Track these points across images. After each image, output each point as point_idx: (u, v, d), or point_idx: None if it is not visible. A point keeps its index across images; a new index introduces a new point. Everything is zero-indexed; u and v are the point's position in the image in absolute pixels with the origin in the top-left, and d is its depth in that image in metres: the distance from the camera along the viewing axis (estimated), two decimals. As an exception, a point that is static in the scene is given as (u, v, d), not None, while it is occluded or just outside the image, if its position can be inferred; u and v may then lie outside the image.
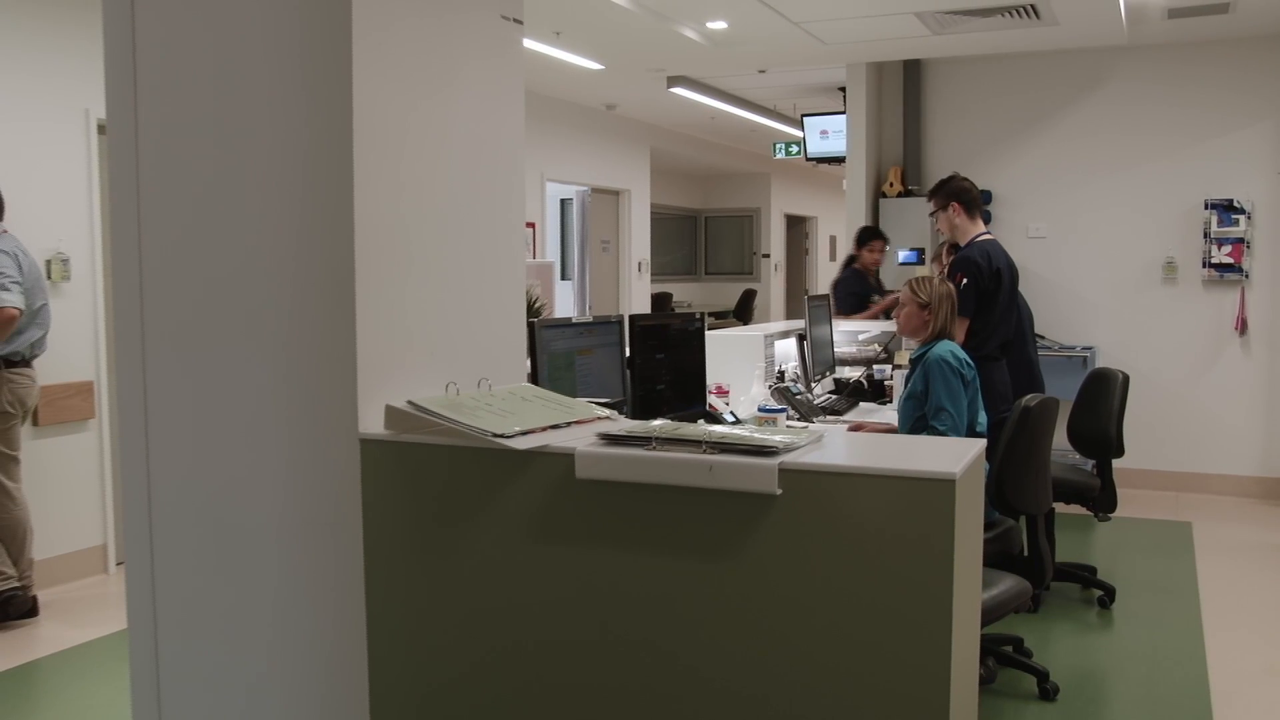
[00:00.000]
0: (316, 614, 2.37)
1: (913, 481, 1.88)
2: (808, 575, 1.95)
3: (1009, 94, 8.10)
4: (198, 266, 2.47)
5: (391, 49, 2.35)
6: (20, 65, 5.57)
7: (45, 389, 5.46)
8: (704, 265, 16.05)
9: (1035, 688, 4.16)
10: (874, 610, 1.91)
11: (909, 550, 1.88)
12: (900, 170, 8.33)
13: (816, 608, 1.94)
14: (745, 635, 2.00)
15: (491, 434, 2.10)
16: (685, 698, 2.05)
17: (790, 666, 1.97)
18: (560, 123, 9.98)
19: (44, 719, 4.31)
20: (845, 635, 1.93)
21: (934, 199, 5.26)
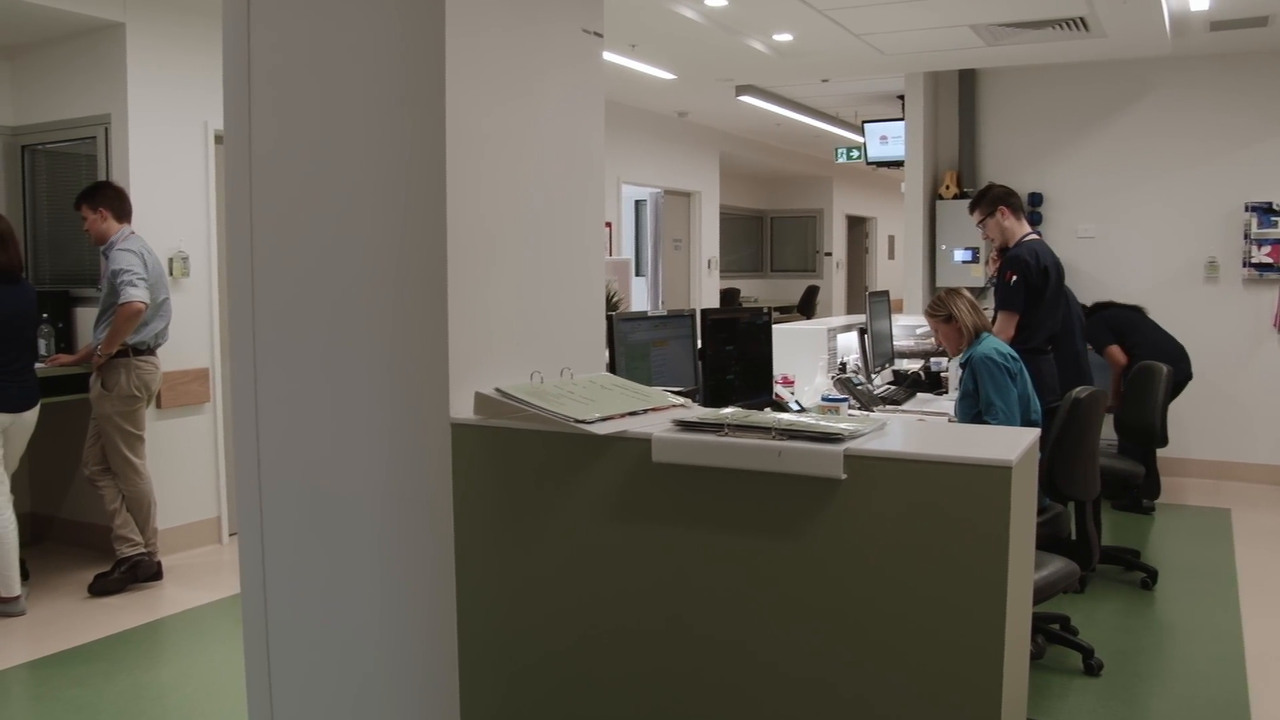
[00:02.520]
0: (410, 586, 2.38)
1: (971, 468, 1.84)
2: (869, 557, 1.91)
3: (1059, 101, 7.93)
4: (303, 264, 2.49)
5: (481, 60, 2.35)
6: (149, 83, 5.67)
7: (167, 375, 5.56)
8: (769, 263, 15.95)
9: (1081, 664, 4.09)
10: (932, 590, 1.87)
11: (966, 533, 1.84)
12: (956, 174, 8.21)
13: (877, 588, 1.91)
14: (807, 612, 1.97)
15: (573, 420, 2.09)
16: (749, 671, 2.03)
17: (850, 642, 1.94)
18: (635, 129, 9.96)
19: (169, 671, 4.39)
20: (904, 614, 1.89)
21: (979, 208, 5.19)
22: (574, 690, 2.22)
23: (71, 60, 5.86)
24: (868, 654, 1.92)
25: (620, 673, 2.16)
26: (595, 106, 2.76)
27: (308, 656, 2.57)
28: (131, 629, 4.77)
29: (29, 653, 4.48)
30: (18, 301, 4.92)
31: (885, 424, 2.12)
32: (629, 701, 2.15)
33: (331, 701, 2.54)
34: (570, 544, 2.18)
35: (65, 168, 6.02)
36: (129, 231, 5.26)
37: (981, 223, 5.20)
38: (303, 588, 2.56)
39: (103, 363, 5.16)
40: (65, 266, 6.08)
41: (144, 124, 5.67)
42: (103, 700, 3.99)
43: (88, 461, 5.33)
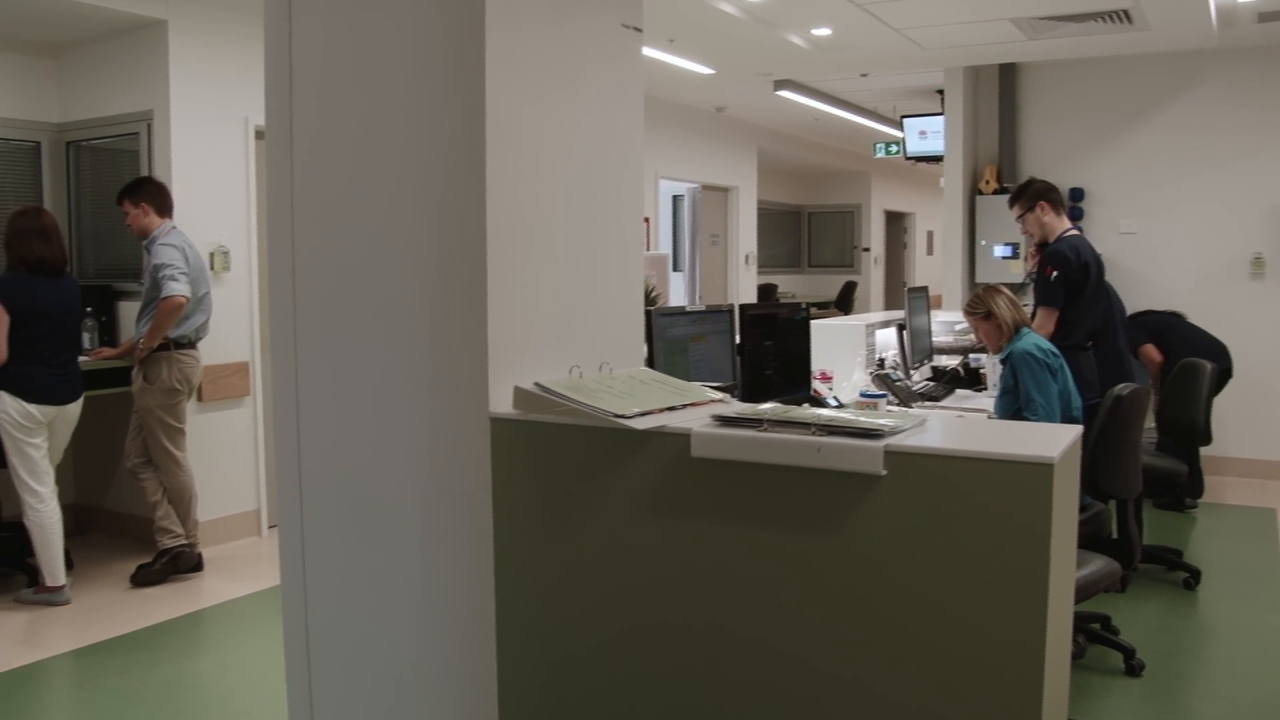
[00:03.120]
0: (449, 579, 2.39)
1: (1013, 465, 1.82)
2: (909, 553, 1.90)
3: (1101, 95, 7.85)
4: (344, 258, 2.51)
5: (521, 55, 2.35)
6: (191, 79, 5.74)
7: (207, 368, 5.62)
8: (807, 258, 15.89)
9: (1122, 664, 4.05)
10: (972, 588, 1.86)
11: (1007, 531, 1.83)
12: (996, 168, 8.14)
13: (917, 584, 1.90)
14: (846, 609, 1.96)
15: (613, 414, 2.09)
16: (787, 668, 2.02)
17: (889, 640, 1.93)
18: (673, 124, 9.95)
19: (209, 661, 4.44)
20: (944, 611, 1.88)
21: (1019, 203, 5.15)
22: (611, 684, 2.22)
23: (115, 57, 5.93)
24: (907, 652, 1.91)
25: (658, 667, 2.16)
26: (635, 101, 2.76)
27: (346, 649, 2.59)
28: (172, 619, 4.83)
29: (73, 641, 4.55)
30: (62, 295, 4.99)
31: (925, 420, 2.11)
32: (666, 696, 2.16)
33: (370, 693, 2.55)
34: (608, 539, 2.18)
35: (108, 163, 6.10)
36: (170, 226, 5.32)
37: (1021, 218, 5.17)
38: (342, 581, 2.58)
39: (145, 356, 5.22)
40: (108, 261, 6.15)
41: (186, 120, 5.73)
42: (145, 689, 4.04)
43: (130, 454, 5.39)
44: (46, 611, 4.92)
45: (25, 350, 4.83)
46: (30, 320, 4.83)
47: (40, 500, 4.92)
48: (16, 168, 6.13)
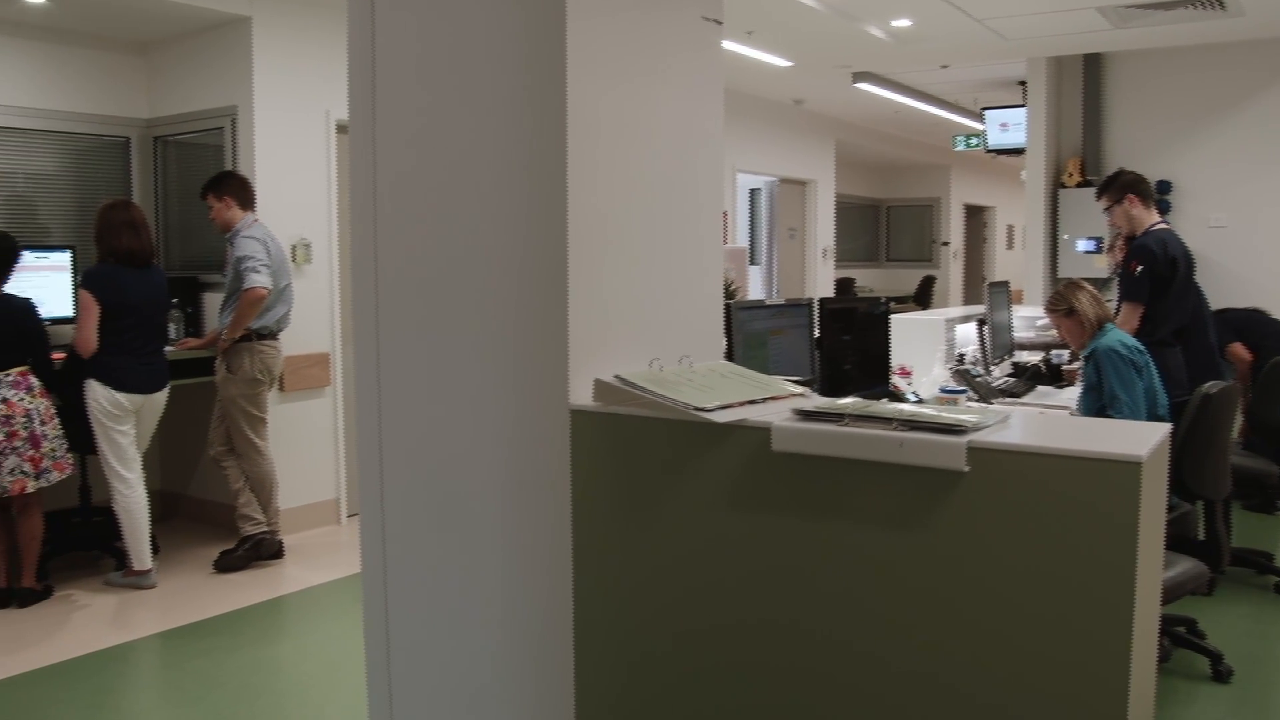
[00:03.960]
0: (528, 570, 2.41)
1: (1100, 463, 1.80)
2: (992, 551, 1.88)
3: (1190, 85, 7.66)
4: (426, 251, 2.54)
5: (602, 48, 2.37)
6: (274, 74, 5.84)
7: (289, 359, 5.73)
8: (885, 252, 15.74)
9: (1209, 669, 3.96)
10: (1056, 588, 1.83)
11: (1093, 530, 1.80)
12: (1080, 161, 8.00)
13: (1000, 583, 1.88)
14: (927, 606, 1.95)
15: (693, 407, 2.10)
16: (865, 664, 2.02)
17: (970, 638, 1.91)
18: (750, 117, 9.91)
19: (288, 647, 4.53)
20: (1027, 611, 1.86)
21: (1106, 195, 5.06)
22: (689, 678, 2.23)
23: (201, 54, 6.06)
24: (988, 651, 1.90)
25: (735, 662, 2.17)
26: (714, 94, 2.75)
27: (425, 638, 2.63)
28: (254, 605, 4.93)
29: (158, 624, 4.67)
30: (150, 287, 5.12)
31: (1008, 416, 2.09)
32: (743, 690, 2.16)
33: (449, 682, 2.59)
34: (688, 532, 2.19)
35: (194, 158, 6.23)
36: (253, 219, 5.43)
37: (1108, 210, 5.07)
38: (422, 571, 2.62)
39: (228, 347, 5.33)
40: (193, 253, 6.29)
41: (268, 114, 5.84)
42: (226, 672, 4.13)
43: (213, 442, 5.52)
44: (133, 594, 5.06)
45: (114, 340, 4.96)
46: (119, 311, 4.96)
47: (128, 486, 5.05)
48: (107, 162, 6.30)
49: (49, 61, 5.97)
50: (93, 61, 6.16)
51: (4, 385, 4.71)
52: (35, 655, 4.30)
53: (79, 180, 6.17)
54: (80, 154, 6.18)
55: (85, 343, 4.92)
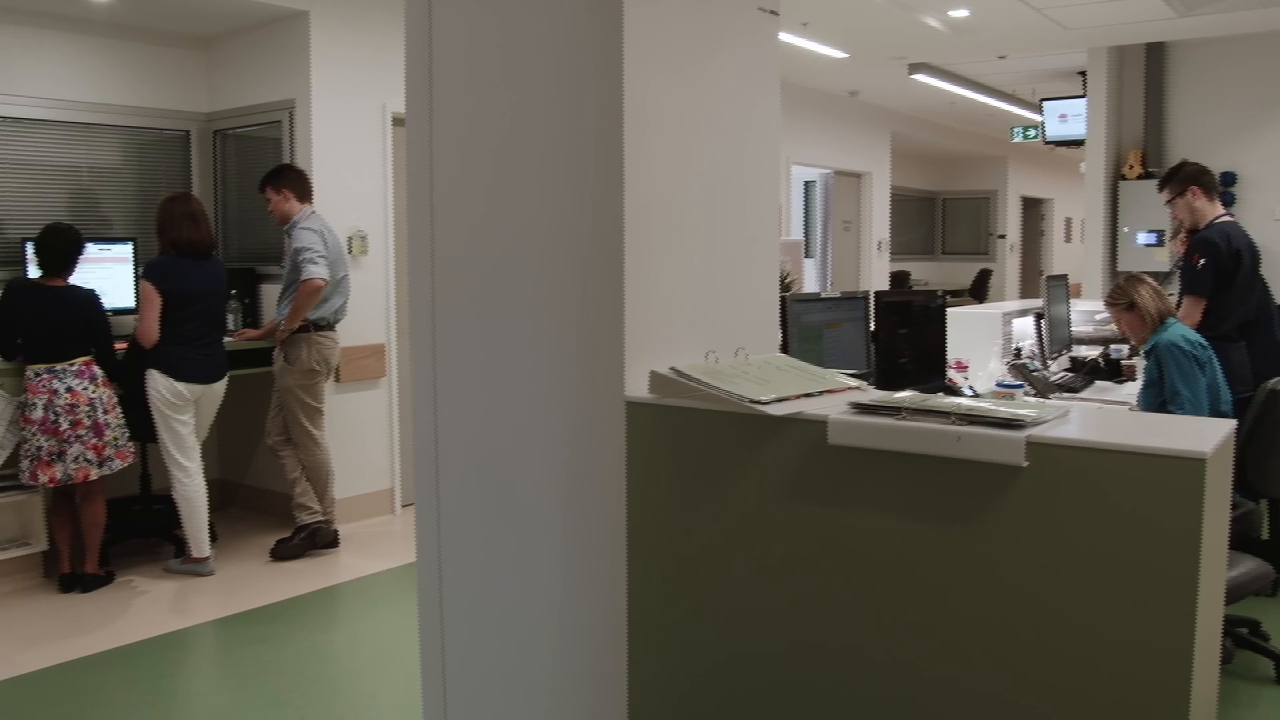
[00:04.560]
0: (582, 561, 2.43)
1: (1162, 459, 1.77)
2: (1051, 548, 1.86)
3: (1256, 74, 7.50)
4: (482, 243, 2.55)
5: (659, 39, 2.37)
6: (331, 68, 5.91)
7: (345, 350, 5.79)
8: (941, 245, 15.61)
9: (1273, 671, 3.90)
10: (1117, 586, 1.81)
11: (1155, 528, 1.78)
12: (1141, 153, 7.87)
13: (1058, 580, 1.86)
14: (985, 603, 1.94)
15: (749, 400, 2.09)
16: (924, 661, 2.01)
17: (1029, 635, 1.90)
18: (805, 109, 9.87)
19: (343, 634, 4.59)
20: (1086, 608, 1.84)
21: (1169, 187, 4.98)
22: (741, 669, 2.23)
23: (259, 48, 6.14)
24: (1045, 649, 1.88)
25: (789, 653, 2.17)
26: (770, 85, 2.75)
27: (479, 628, 2.65)
28: (309, 593, 5.00)
29: (216, 610, 4.75)
30: (209, 278, 5.20)
31: (1068, 411, 2.06)
32: (798, 680, 2.16)
33: (501, 671, 2.61)
34: (743, 524, 2.19)
35: (252, 151, 6.32)
36: (310, 211, 5.49)
37: (1170, 202, 5.00)
38: (476, 561, 2.64)
39: (285, 337, 5.40)
40: (251, 245, 6.38)
41: (326, 107, 5.90)
42: (282, 658, 4.19)
43: (270, 432, 5.59)
44: (192, 581, 5.15)
45: (174, 331, 5.04)
46: (180, 302, 5.04)
47: (187, 474, 5.14)
48: (168, 156, 6.40)
49: (112, 57, 6.08)
50: (154, 56, 6.26)
51: (69, 375, 4.81)
52: (98, 639, 4.39)
53: (140, 173, 6.27)
54: (142, 148, 6.28)
55: (147, 333, 5.00)
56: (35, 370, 4.79)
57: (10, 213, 5.70)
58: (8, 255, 5.61)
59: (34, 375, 4.79)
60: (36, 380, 4.78)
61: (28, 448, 4.78)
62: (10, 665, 4.13)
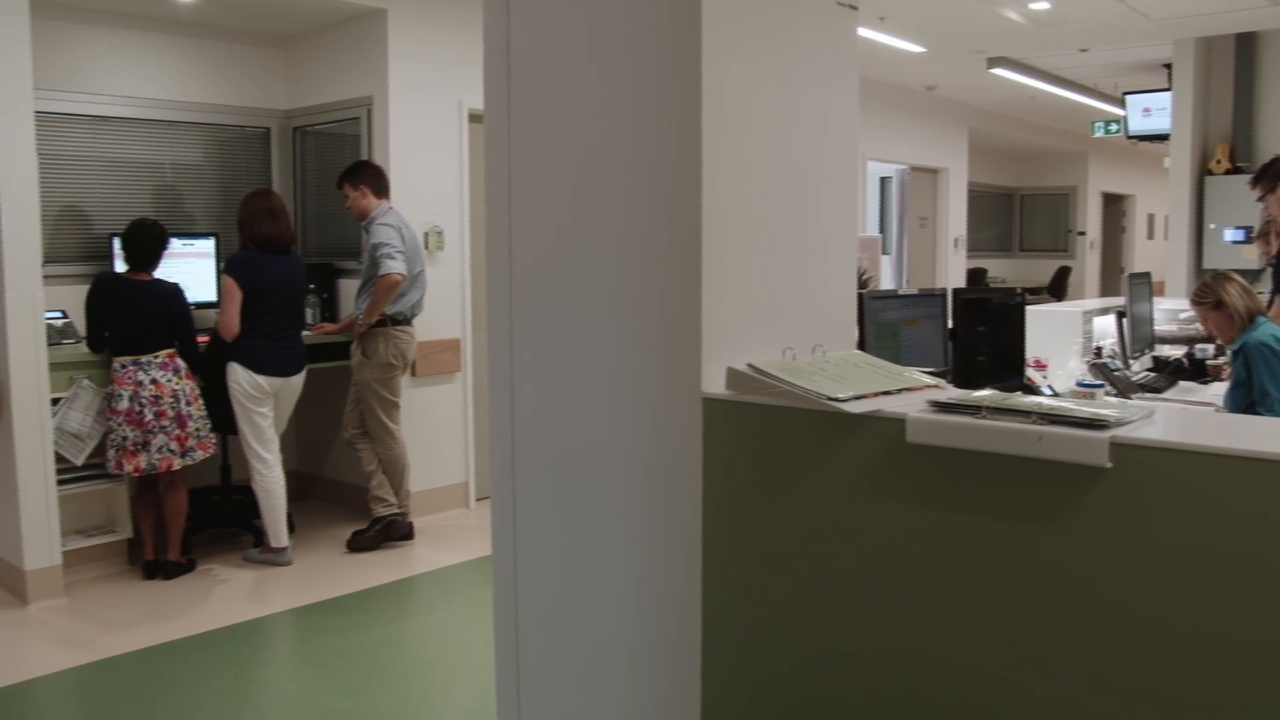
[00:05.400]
0: (657, 557, 2.43)
1: (1259, 463, 1.72)
2: (1136, 552, 1.83)
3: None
4: (560, 238, 2.56)
5: (737, 34, 2.36)
6: (408, 65, 5.98)
7: (421, 344, 5.85)
8: (1019, 242, 15.37)
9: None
10: (1208, 594, 1.76)
11: (1252, 535, 1.72)
12: (1229, 147, 7.69)
13: (1144, 585, 1.82)
14: (1066, 604, 1.90)
15: (826, 397, 2.08)
16: (1001, 663, 1.98)
17: (1109, 637, 1.86)
18: (881, 104, 9.78)
19: (418, 626, 4.65)
20: (1174, 615, 1.80)
21: (1261, 183, 4.87)
22: (816, 665, 2.22)
23: (338, 46, 6.23)
24: (1125, 649, 1.84)
25: (863, 652, 2.15)
26: (849, 81, 2.72)
27: (553, 622, 2.67)
28: (384, 584, 5.07)
29: (294, 600, 4.84)
30: (289, 273, 5.29)
31: (1153, 411, 2.02)
32: (874, 682, 2.14)
33: (575, 666, 2.63)
34: (818, 522, 2.18)
35: (331, 147, 6.41)
36: (388, 207, 5.56)
37: (1262, 199, 4.88)
38: (551, 555, 2.65)
39: (363, 332, 5.48)
40: (330, 240, 6.48)
41: (403, 104, 5.97)
42: (358, 648, 4.26)
43: (347, 425, 5.67)
44: (271, 571, 5.24)
45: (254, 325, 5.14)
46: (260, 296, 5.14)
47: (266, 466, 5.23)
48: (249, 152, 6.52)
49: (196, 56, 6.21)
50: (236, 55, 6.38)
51: (153, 367, 4.93)
52: (180, 625, 4.50)
53: (222, 170, 6.40)
54: (223, 144, 6.41)
55: (227, 326, 5.10)
56: (121, 362, 4.91)
57: (98, 209, 5.85)
58: (95, 250, 5.76)
59: (120, 367, 4.91)
60: (122, 372, 4.90)
61: (114, 438, 4.91)
62: (97, 648, 4.25)
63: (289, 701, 3.83)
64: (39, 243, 4.81)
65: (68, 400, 4.91)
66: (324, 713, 3.70)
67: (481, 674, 3.81)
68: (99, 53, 5.84)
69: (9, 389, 4.72)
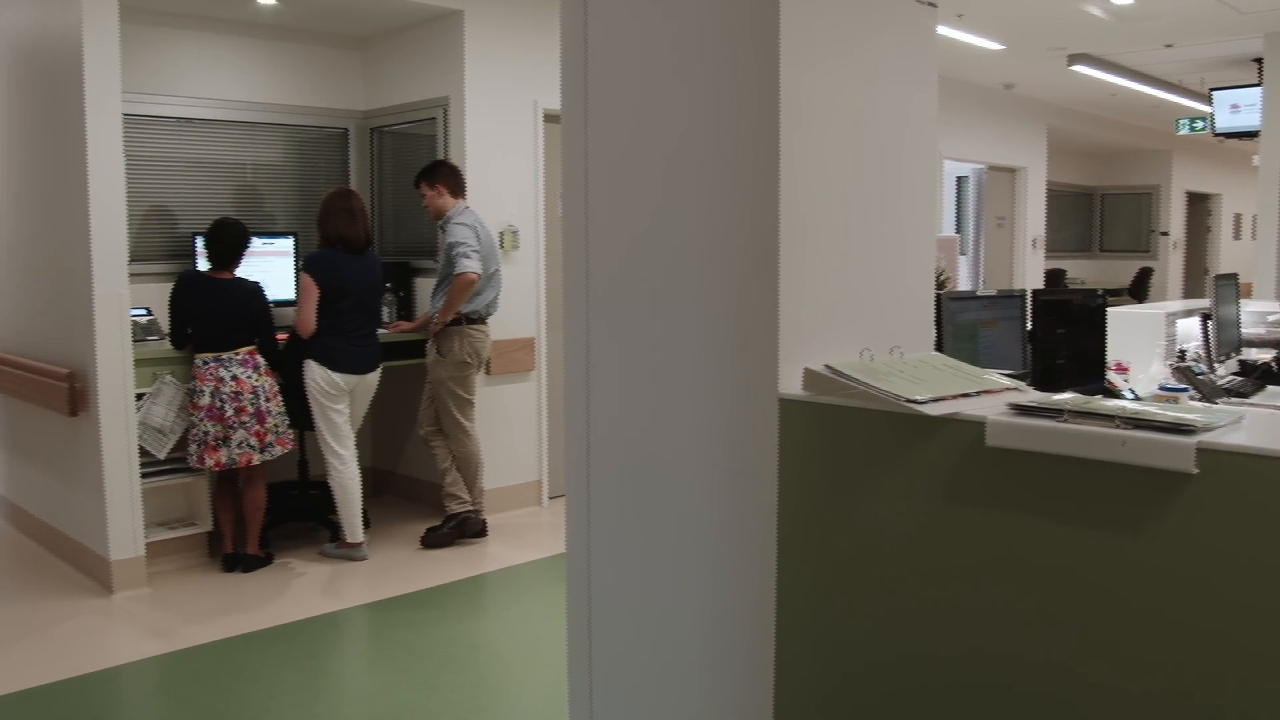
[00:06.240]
0: (731, 558, 2.43)
1: (1351, 470, 1.69)
2: (1223, 560, 1.79)
3: None
4: (636, 237, 2.58)
5: (815, 32, 2.35)
6: (484, 65, 6.03)
7: (496, 343, 5.90)
8: (1099, 242, 15.10)
9: None
10: (1296, 599, 1.73)
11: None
12: (1322, 145, 7.49)
13: (1232, 594, 1.78)
14: (1150, 614, 1.87)
15: (904, 399, 2.07)
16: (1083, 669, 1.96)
17: (1196, 650, 1.83)
18: (958, 102, 9.67)
19: (490, 623, 4.69)
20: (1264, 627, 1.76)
21: None
22: (890, 668, 2.21)
23: (415, 47, 6.31)
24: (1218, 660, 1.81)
25: (938, 656, 2.14)
26: (928, 79, 2.71)
27: (627, 621, 2.68)
28: (457, 581, 5.12)
29: (368, 595, 4.91)
30: (366, 271, 5.37)
31: (1242, 416, 1.98)
32: (950, 685, 2.13)
33: (648, 665, 2.64)
34: (896, 525, 2.17)
35: (407, 147, 6.50)
36: (464, 206, 5.61)
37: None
38: (625, 554, 2.67)
39: (439, 330, 5.54)
40: (407, 239, 6.56)
41: (479, 104, 6.03)
42: (430, 644, 4.31)
43: (422, 422, 5.74)
44: (346, 566, 5.33)
45: (331, 323, 5.22)
46: (337, 294, 5.22)
47: (342, 462, 5.32)
48: (327, 153, 6.63)
49: (276, 58, 6.33)
50: (315, 57, 6.49)
51: (234, 363, 5.03)
52: (257, 617, 4.59)
53: (301, 170, 6.51)
54: (303, 145, 6.52)
55: (305, 324, 5.19)
56: (203, 359, 5.02)
57: (182, 208, 5.99)
58: (179, 249, 5.90)
59: (202, 364, 5.02)
60: (204, 368, 5.01)
61: (195, 433, 5.02)
62: (178, 638, 4.35)
63: (362, 695, 3.89)
64: (125, 241, 4.95)
65: (151, 396, 5.04)
66: (396, 707, 3.76)
67: (553, 672, 3.84)
68: (183, 56, 5.98)
69: (96, 384, 4.86)
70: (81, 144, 4.79)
